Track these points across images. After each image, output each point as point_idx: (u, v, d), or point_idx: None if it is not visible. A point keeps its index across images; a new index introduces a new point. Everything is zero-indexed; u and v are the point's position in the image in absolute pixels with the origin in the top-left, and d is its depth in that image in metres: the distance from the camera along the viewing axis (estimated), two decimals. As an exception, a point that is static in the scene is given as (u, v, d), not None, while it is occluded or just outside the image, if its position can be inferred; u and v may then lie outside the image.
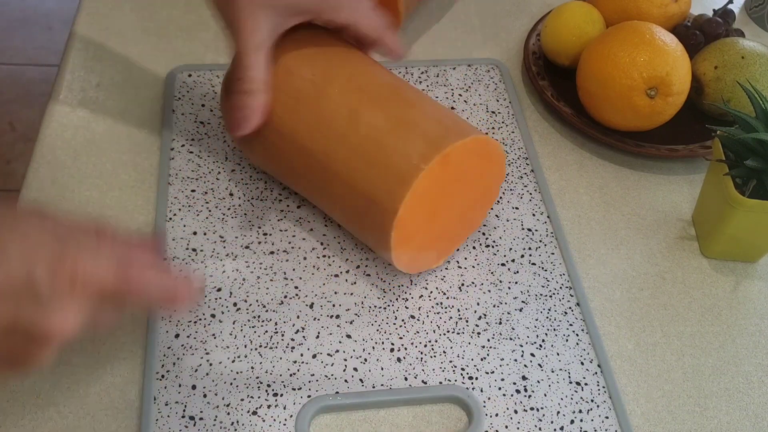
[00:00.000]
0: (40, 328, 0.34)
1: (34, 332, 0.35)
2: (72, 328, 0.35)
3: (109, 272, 0.36)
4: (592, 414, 0.50)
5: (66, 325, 0.35)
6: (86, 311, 0.36)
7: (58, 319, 0.35)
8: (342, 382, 0.50)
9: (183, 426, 0.47)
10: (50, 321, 0.34)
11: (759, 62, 0.65)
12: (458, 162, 0.50)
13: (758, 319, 0.57)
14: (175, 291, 0.40)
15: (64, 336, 0.35)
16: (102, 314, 0.38)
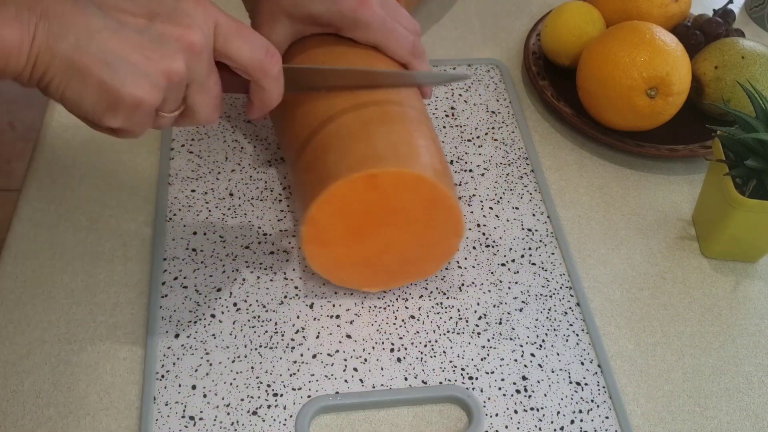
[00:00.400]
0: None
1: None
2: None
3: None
4: (593, 414, 0.50)
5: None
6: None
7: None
8: (342, 382, 0.50)
9: (183, 426, 0.47)
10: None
11: (759, 62, 0.65)
12: (393, 192, 0.48)
13: (758, 319, 0.57)
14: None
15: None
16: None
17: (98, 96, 0.38)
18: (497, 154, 0.65)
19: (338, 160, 0.48)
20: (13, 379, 0.49)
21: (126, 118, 0.39)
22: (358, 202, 0.48)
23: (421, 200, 0.49)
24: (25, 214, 0.57)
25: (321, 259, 0.51)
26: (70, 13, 0.37)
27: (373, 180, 0.47)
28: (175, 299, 0.53)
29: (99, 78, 0.37)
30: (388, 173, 0.47)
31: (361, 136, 0.48)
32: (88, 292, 0.54)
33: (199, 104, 0.42)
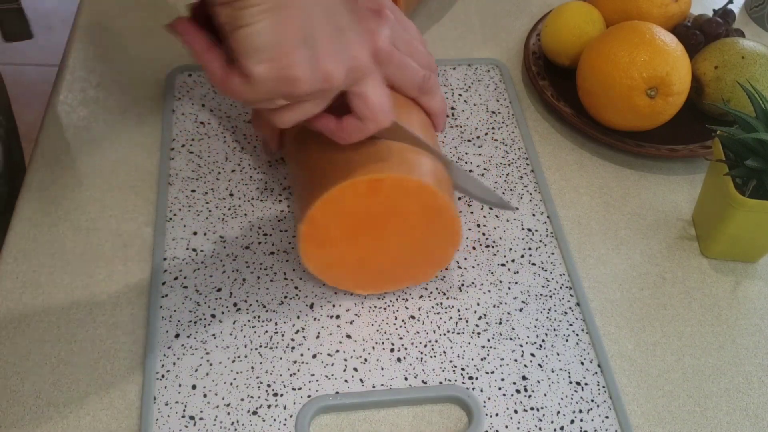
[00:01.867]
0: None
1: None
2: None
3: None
4: (593, 414, 0.50)
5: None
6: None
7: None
8: (342, 382, 0.50)
9: (183, 426, 0.47)
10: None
11: (759, 62, 0.65)
12: (395, 197, 0.48)
13: (758, 319, 0.57)
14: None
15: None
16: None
17: (276, 47, 0.38)
18: (497, 154, 0.65)
19: (342, 162, 0.48)
20: (13, 379, 0.49)
21: (269, 80, 0.39)
22: (358, 205, 0.48)
23: (421, 208, 0.49)
24: (25, 214, 0.57)
25: (316, 260, 0.51)
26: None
27: (376, 184, 0.47)
28: (176, 299, 0.53)
29: (290, 38, 0.38)
30: (391, 179, 0.47)
31: (366, 140, 0.48)
32: (88, 292, 0.54)
33: (303, 111, 0.43)
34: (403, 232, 0.50)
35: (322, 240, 0.50)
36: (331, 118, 0.46)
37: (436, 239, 0.51)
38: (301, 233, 0.49)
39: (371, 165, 0.47)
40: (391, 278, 0.54)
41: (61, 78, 0.68)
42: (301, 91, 0.40)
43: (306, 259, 0.51)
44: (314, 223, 0.48)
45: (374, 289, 0.54)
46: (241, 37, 0.38)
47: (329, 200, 0.47)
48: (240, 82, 0.40)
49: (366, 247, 0.51)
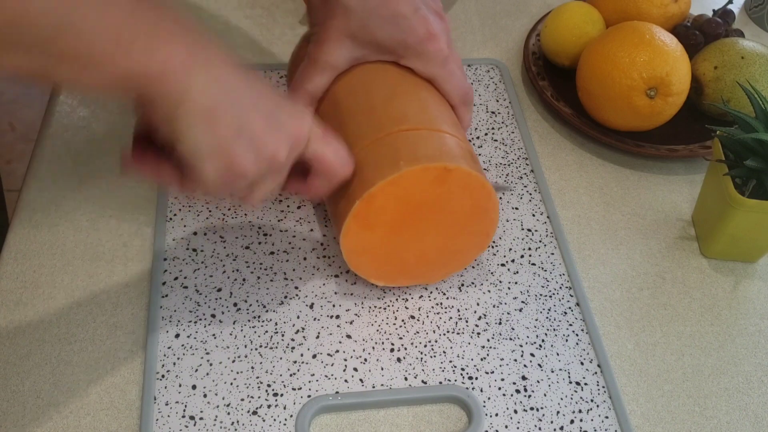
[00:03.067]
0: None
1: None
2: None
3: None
4: (592, 414, 0.50)
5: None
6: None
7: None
8: (342, 382, 0.50)
9: (183, 426, 0.47)
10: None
11: (759, 62, 0.65)
12: (454, 190, 0.49)
13: (758, 319, 0.57)
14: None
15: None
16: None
17: (216, 147, 0.41)
18: (497, 154, 0.65)
19: (414, 149, 0.48)
20: (14, 379, 0.49)
21: (220, 177, 0.42)
22: (419, 192, 0.49)
23: (471, 205, 0.50)
24: (25, 214, 0.57)
25: (355, 241, 0.50)
26: (227, 70, 0.41)
27: (444, 174, 0.48)
28: (176, 299, 0.53)
29: (226, 135, 0.41)
30: (460, 171, 0.48)
31: (434, 135, 0.50)
32: (88, 292, 0.54)
33: (265, 189, 0.46)
34: (442, 228, 0.51)
35: (371, 222, 0.49)
36: (298, 183, 0.49)
37: (467, 240, 0.53)
38: (354, 209, 0.48)
39: (442, 155, 0.48)
40: (410, 273, 0.54)
41: (61, 78, 0.68)
42: (252, 176, 0.43)
43: (345, 238, 0.50)
44: (372, 201, 0.48)
45: (392, 282, 0.54)
46: (183, 147, 0.41)
47: (395, 182, 0.47)
48: (198, 185, 0.44)
49: (405, 238, 0.51)
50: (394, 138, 0.49)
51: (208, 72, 0.40)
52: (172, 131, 0.41)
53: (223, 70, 0.41)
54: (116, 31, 0.36)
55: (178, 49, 0.39)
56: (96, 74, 0.37)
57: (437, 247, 0.52)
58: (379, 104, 0.51)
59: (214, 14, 0.74)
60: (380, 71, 0.53)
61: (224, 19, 0.74)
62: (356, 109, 0.51)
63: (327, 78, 0.53)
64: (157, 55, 0.38)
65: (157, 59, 0.38)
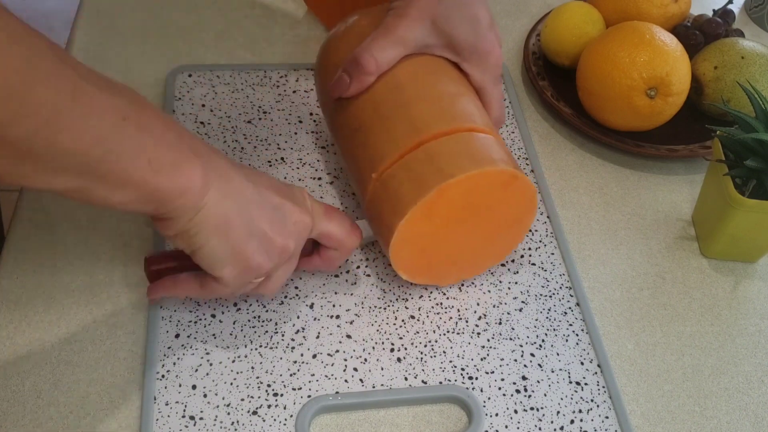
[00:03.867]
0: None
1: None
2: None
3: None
4: (592, 414, 0.50)
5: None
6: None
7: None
8: (342, 382, 0.50)
9: (183, 426, 0.47)
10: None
11: (759, 62, 0.65)
12: (504, 193, 0.50)
13: (758, 319, 0.57)
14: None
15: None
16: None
17: (231, 252, 0.44)
18: (497, 154, 0.65)
19: (488, 150, 0.49)
20: (14, 380, 0.49)
21: (237, 276, 0.46)
22: (484, 193, 0.49)
23: (520, 211, 0.52)
24: (25, 214, 0.57)
25: (413, 229, 0.49)
26: (236, 180, 0.44)
27: (511, 180, 0.49)
28: (176, 299, 0.53)
29: (239, 239, 0.44)
30: (524, 179, 0.50)
31: (498, 141, 0.52)
32: (88, 292, 0.54)
33: (281, 277, 0.49)
34: (488, 228, 0.52)
35: (433, 213, 0.49)
36: (312, 260, 0.52)
37: (508, 232, 0.54)
38: (428, 197, 0.48)
39: (510, 161, 0.50)
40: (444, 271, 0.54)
41: (61, 78, 0.67)
42: (266, 270, 0.47)
43: (406, 224, 0.49)
44: (444, 193, 0.48)
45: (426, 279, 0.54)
46: (200, 257, 0.45)
47: (472, 178, 0.48)
48: (218, 287, 0.47)
49: (454, 236, 0.51)
50: (467, 136, 0.50)
51: (220, 186, 0.43)
52: (189, 245, 0.44)
53: (232, 181, 0.44)
54: (149, 155, 0.39)
55: (196, 168, 0.42)
56: (128, 193, 0.40)
57: (478, 246, 0.53)
58: (447, 97, 0.52)
59: (214, 14, 0.74)
60: (443, 67, 0.54)
61: (224, 19, 0.74)
62: (423, 95, 0.51)
63: (397, 53, 0.52)
64: (181, 173, 0.41)
65: (181, 177, 0.41)
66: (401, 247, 0.50)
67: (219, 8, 0.75)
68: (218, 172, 0.43)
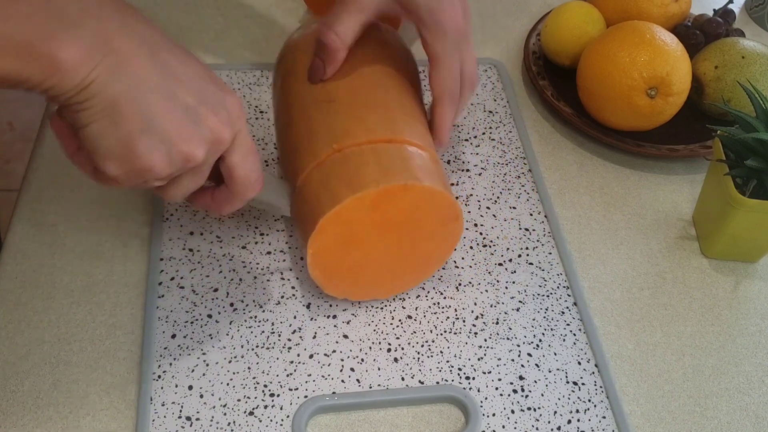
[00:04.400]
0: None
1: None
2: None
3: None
4: (590, 414, 0.50)
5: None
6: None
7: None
8: (339, 383, 0.50)
9: (180, 426, 0.47)
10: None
11: (759, 62, 0.64)
12: (411, 204, 0.48)
13: (758, 319, 0.57)
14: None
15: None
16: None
17: (118, 144, 0.38)
18: (495, 153, 0.64)
19: (387, 168, 0.48)
20: (13, 380, 0.49)
21: (125, 174, 0.39)
22: (367, 215, 0.48)
23: (436, 215, 0.50)
24: (25, 214, 0.58)
25: (324, 262, 0.50)
26: (136, 61, 0.38)
27: (404, 191, 0.47)
28: (172, 299, 0.53)
29: (130, 131, 0.38)
30: (419, 188, 0.47)
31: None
32: (87, 292, 0.54)
33: (183, 187, 0.43)
34: (408, 236, 0.50)
35: (331, 247, 0.48)
36: (206, 194, 0.46)
37: (437, 242, 0.52)
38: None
39: (404, 172, 0.47)
40: (384, 284, 0.54)
41: (62, 80, 0.68)
42: (162, 176, 0.40)
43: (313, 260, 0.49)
44: (323, 231, 0.47)
45: (369, 296, 0.54)
46: (84, 139, 0.39)
47: (337, 212, 0.47)
48: (107, 178, 0.40)
49: (372, 253, 0.50)
50: (394, 147, 0.48)
51: (112, 66, 0.37)
52: (74, 120, 0.38)
53: (130, 64, 0.37)
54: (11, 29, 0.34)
55: (72, 41, 0.35)
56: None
57: (400, 259, 0.52)
58: (381, 106, 0.50)
59: (214, 14, 0.75)
60: (389, 70, 0.53)
61: (224, 19, 0.74)
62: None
63: (356, 20, 0.51)
64: (44, 49, 0.35)
65: (44, 54, 0.35)
66: (318, 257, 0.49)
67: (218, 8, 0.75)
68: (113, 49, 0.37)
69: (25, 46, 0.35)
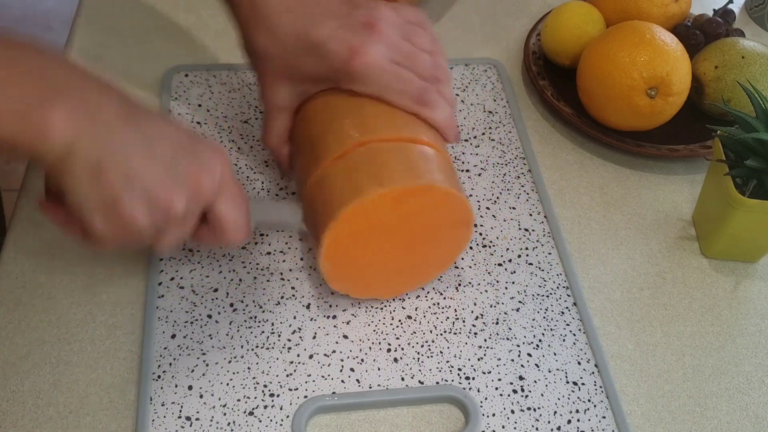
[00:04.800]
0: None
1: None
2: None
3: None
4: (589, 414, 0.50)
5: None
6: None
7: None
8: (339, 383, 0.50)
9: (179, 426, 0.48)
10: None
11: (759, 62, 0.64)
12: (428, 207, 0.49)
13: (758, 319, 0.57)
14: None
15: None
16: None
17: (101, 200, 0.40)
18: (494, 153, 0.64)
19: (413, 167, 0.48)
20: (13, 380, 0.49)
21: (112, 229, 0.41)
22: (387, 213, 0.48)
23: (445, 213, 0.50)
24: (25, 214, 0.58)
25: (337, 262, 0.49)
26: (116, 124, 0.40)
27: (427, 192, 0.47)
28: (172, 300, 0.53)
29: (113, 187, 0.40)
30: (440, 190, 0.48)
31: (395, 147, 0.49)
32: (87, 292, 0.54)
33: (171, 237, 0.44)
34: (419, 238, 0.51)
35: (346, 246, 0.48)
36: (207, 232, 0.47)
37: (444, 246, 0.52)
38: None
39: (425, 174, 0.48)
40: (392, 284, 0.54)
41: (62, 80, 0.68)
42: (148, 228, 0.42)
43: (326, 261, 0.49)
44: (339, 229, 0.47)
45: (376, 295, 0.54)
46: (70, 199, 0.41)
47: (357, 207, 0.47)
48: (96, 238, 0.42)
49: (383, 253, 0.50)
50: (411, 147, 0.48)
51: (95, 125, 0.39)
52: (57, 183, 0.40)
53: (111, 128, 0.40)
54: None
55: (55, 108, 0.38)
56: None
57: (408, 260, 0.52)
58: (328, 127, 0.50)
59: (214, 14, 0.75)
60: (324, 99, 0.52)
61: (221, 19, 0.74)
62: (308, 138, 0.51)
63: (282, 120, 0.54)
64: (30, 117, 0.37)
65: (31, 122, 0.37)
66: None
67: (217, 8, 0.75)
68: (97, 110, 0.39)
69: (19, 113, 0.37)
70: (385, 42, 0.50)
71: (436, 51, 0.53)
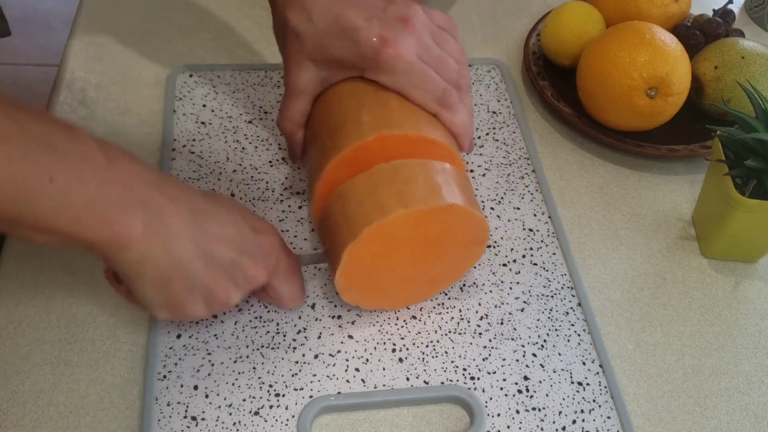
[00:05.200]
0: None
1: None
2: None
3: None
4: (594, 414, 0.50)
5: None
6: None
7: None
8: (344, 383, 0.50)
9: (185, 426, 0.47)
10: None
11: (759, 62, 0.65)
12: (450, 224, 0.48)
13: (758, 319, 0.57)
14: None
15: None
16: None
17: (166, 301, 0.45)
18: (498, 154, 0.65)
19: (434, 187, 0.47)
20: (14, 380, 0.49)
21: (171, 317, 0.47)
22: (408, 232, 0.47)
23: (463, 232, 0.50)
24: (25, 214, 0.57)
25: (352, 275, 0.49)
26: (182, 234, 0.43)
27: (448, 210, 0.47)
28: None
29: (177, 292, 0.45)
30: (461, 210, 0.48)
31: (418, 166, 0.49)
32: (88, 292, 0.53)
33: (219, 311, 0.49)
34: (434, 254, 0.50)
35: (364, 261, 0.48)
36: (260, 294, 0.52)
37: (455, 263, 0.53)
38: (344, 255, 0.47)
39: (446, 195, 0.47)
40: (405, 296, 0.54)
41: (61, 78, 0.67)
42: (204, 317, 0.48)
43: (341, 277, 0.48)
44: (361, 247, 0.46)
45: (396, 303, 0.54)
46: (136, 296, 0.45)
47: (406, 216, 0.46)
48: (155, 317, 0.48)
49: (398, 269, 0.50)
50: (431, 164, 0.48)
51: (163, 242, 0.42)
52: (126, 281, 0.44)
53: (179, 238, 0.43)
54: (76, 212, 0.39)
55: (134, 223, 0.41)
56: (51, 237, 0.39)
57: (424, 273, 0.52)
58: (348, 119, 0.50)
59: (214, 14, 0.74)
60: (348, 87, 0.52)
61: (224, 19, 0.74)
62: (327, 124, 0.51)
63: (302, 103, 0.53)
64: (112, 229, 0.40)
65: (112, 233, 0.40)
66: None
67: (219, 8, 0.75)
68: (164, 227, 0.42)
69: (103, 220, 0.40)
70: (417, 39, 0.50)
71: (462, 61, 0.53)
